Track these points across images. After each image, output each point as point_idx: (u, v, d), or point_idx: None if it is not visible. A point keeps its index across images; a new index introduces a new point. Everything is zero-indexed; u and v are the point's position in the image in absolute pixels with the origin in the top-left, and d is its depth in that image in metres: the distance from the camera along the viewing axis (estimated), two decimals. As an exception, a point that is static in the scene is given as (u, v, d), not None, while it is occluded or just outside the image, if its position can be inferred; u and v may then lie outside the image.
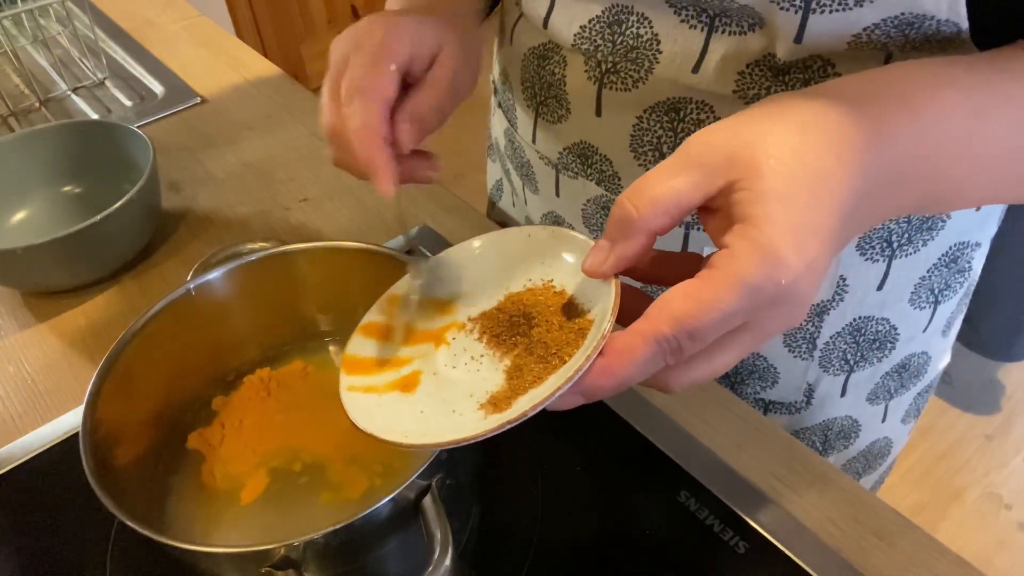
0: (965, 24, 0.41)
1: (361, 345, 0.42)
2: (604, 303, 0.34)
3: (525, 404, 0.33)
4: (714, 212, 0.33)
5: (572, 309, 0.38)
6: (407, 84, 0.46)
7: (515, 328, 0.39)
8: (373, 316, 0.44)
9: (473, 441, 0.32)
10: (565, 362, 0.35)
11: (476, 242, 0.44)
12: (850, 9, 0.42)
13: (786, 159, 0.31)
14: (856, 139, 0.32)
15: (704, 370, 0.33)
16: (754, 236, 0.30)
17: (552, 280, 0.40)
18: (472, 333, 0.40)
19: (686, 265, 0.34)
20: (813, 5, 0.42)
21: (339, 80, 0.44)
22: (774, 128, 0.32)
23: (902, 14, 0.41)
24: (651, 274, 0.37)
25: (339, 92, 0.44)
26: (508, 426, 0.32)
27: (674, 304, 0.30)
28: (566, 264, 0.40)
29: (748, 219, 0.30)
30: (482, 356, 0.39)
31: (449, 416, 0.36)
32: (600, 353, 0.31)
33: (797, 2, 0.43)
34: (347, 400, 0.39)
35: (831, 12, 0.42)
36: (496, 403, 0.35)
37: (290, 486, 0.48)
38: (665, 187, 0.32)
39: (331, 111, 0.45)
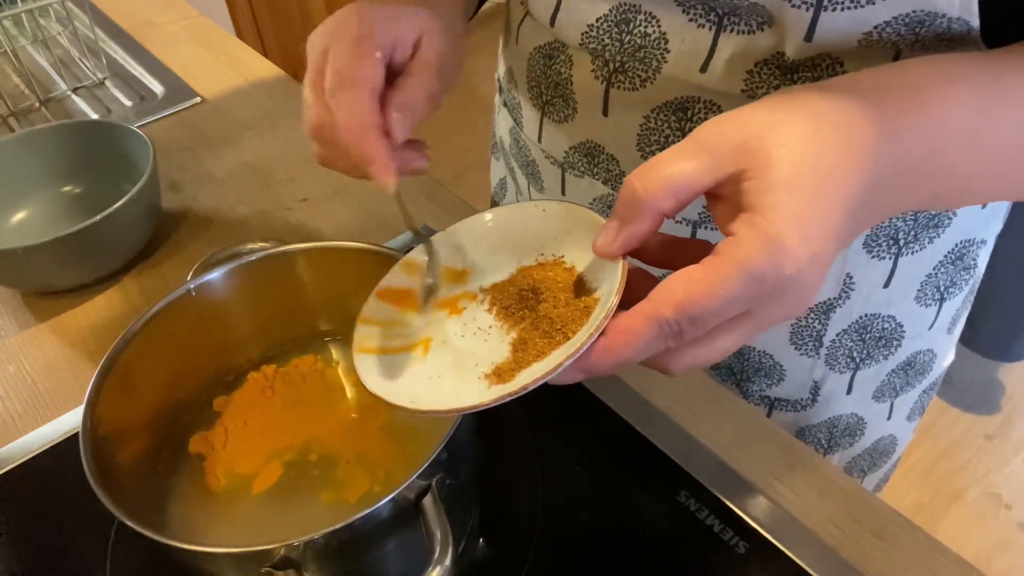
0: (976, 22, 0.41)
1: (376, 309, 0.42)
2: (611, 283, 0.35)
3: (527, 377, 0.33)
4: (722, 199, 0.33)
5: (580, 286, 0.38)
6: (390, 74, 0.44)
7: (524, 302, 0.39)
8: (389, 281, 0.44)
9: (476, 410, 0.33)
10: (569, 338, 0.35)
11: (490, 214, 0.44)
12: (862, 7, 0.42)
13: (796, 149, 0.31)
14: (867, 133, 0.32)
15: (704, 354, 0.33)
16: (760, 224, 0.30)
17: (563, 256, 0.40)
18: (483, 304, 0.41)
19: (695, 251, 0.35)
20: (825, 2, 0.42)
21: (321, 74, 0.43)
22: (787, 119, 0.32)
23: (914, 12, 0.41)
24: (660, 258, 0.37)
25: (322, 86, 0.42)
26: (510, 398, 0.32)
27: (677, 288, 0.31)
28: (578, 241, 0.40)
29: (755, 207, 0.31)
30: (490, 327, 0.39)
31: (454, 384, 0.37)
32: (602, 332, 0.32)
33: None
34: (358, 361, 0.39)
35: (843, 9, 0.42)
36: (500, 374, 0.36)
37: (303, 477, 0.49)
38: (674, 168, 0.32)
39: (315, 106, 0.43)
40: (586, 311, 0.36)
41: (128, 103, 0.97)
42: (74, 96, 0.99)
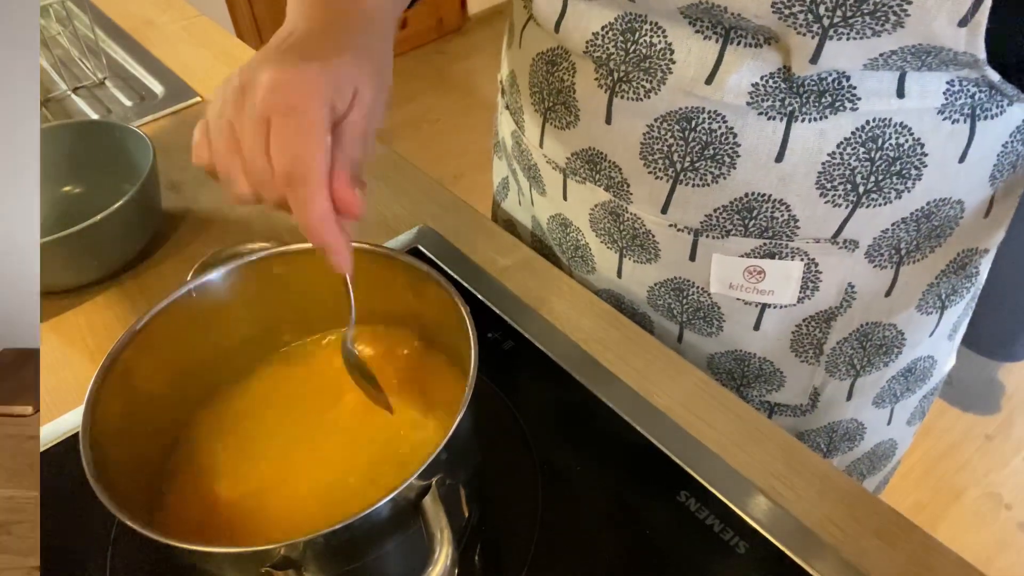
0: (983, 55, 0.42)
1: None
2: None
3: None
4: None
5: None
6: None
7: None
8: None
9: None
10: None
11: None
12: (867, 38, 0.42)
13: None
14: None
15: None
16: None
17: None
18: None
19: None
20: (830, 32, 0.42)
21: (258, 121, 0.39)
22: None
23: (919, 44, 0.41)
24: None
25: (263, 141, 0.39)
26: None
27: None
28: None
29: None
30: None
31: None
32: None
33: (814, 28, 0.42)
34: None
35: (847, 39, 0.42)
36: None
37: (307, 475, 0.48)
38: None
39: (258, 164, 0.39)
40: None
41: (128, 103, 0.97)
42: (74, 96, 0.99)
